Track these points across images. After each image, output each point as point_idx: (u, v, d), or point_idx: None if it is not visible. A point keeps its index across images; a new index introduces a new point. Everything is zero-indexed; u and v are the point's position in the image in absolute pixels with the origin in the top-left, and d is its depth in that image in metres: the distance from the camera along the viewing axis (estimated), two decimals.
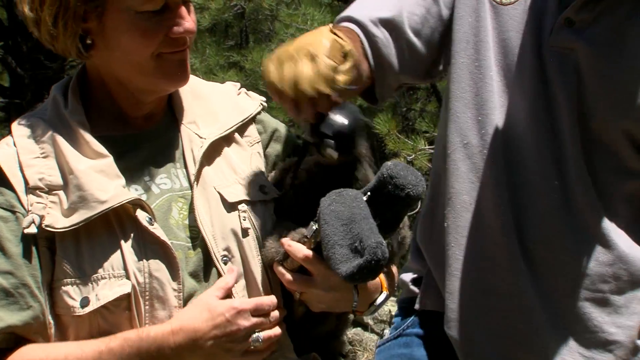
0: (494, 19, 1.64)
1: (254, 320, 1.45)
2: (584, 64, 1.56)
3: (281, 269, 1.50)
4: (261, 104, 1.67)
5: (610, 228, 1.62)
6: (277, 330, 1.50)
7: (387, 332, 1.95)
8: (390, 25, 1.65)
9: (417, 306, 1.81)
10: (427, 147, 4.82)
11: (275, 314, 1.50)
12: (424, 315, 1.82)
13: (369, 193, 1.38)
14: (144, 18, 1.41)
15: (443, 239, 1.69)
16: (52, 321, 1.42)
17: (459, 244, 1.67)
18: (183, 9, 1.46)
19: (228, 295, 1.47)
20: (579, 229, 1.62)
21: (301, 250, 1.45)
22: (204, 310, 1.42)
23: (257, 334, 1.46)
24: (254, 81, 6.56)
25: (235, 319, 1.43)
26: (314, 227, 1.42)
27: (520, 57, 1.60)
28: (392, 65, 1.66)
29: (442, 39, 1.72)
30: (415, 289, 1.84)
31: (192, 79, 1.61)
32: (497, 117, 1.64)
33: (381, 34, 1.64)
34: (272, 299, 1.50)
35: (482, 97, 1.65)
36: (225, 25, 7.88)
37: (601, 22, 1.56)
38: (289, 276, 1.49)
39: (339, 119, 1.43)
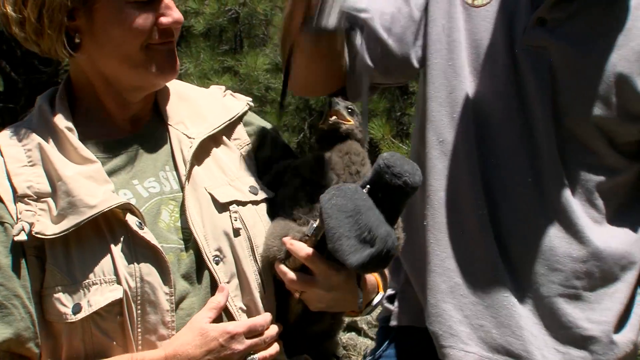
0: (466, 21, 1.69)
1: (248, 342, 1.46)
2: (557, 61, 1.61)
3: (283, 268, 1.50)
4: (248, 103, 1.68)
5: (585, 224, 1.65)
6: (273, 350, 1.51)
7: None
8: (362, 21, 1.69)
9: (393, 323, 1.83)
10: None
11: (270, 332, 1.50)
12: (401, 332, 1.84)
13: (368, 186, 1.40)
14: (133, 8, 1.44)
15: (422, 238, 1.72)
16: (38, 331, 1.42)
17: (437, 241, 1.71)
18: (169, 0, 1.49)
19: (229, 311, 1.48)
20: (553, 225, 1.65)
21: (303, 249, 1.46)
22: (196, 336, 1.43)
23: (252, 355, 1.47)
24: (248, 86, 6.57)
25: (228, 343, 1.43)
26: (314, 225, 1.44)
27: (494, 57, 1.65)
28: (365, 60, 1.69)
29: (415, 39, 1.75)
30: (391, 306, 1.86)
31: (177, 82, 1.63)
32: (471, 114, 1.67)
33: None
34: (265, 318, 1.50)
35: (456, 95, 1.68)
36: (219, 30, 7.88)
37: (574, 20, 1.61)
38: (291, 275, 1.49)
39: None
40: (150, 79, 1.52)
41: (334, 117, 1.54)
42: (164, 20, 1.47)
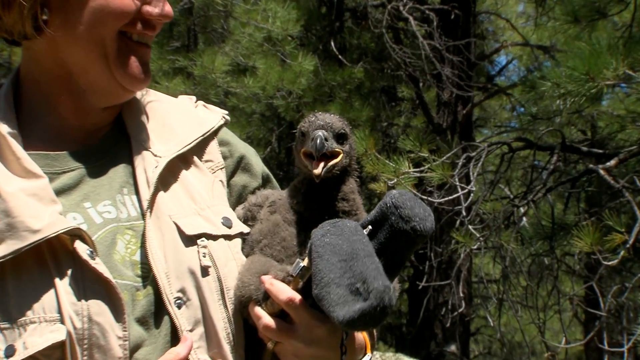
0: None
1: None
2: None
3: (259, 311, 1.49)
4: (223, 117, 1.69)
5: None
6: None
7: None
8: None
9: None
10: (412, 169, 4.80)
11: None
12: None
13: (369, 226, 1.40)
14: None
15: None
16: None
17: None
18: None
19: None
20: None
21: (285, 291, 1.45)
22: None
23: None
24: (204, 90, 6.58)
25: None
26: (301, 264, 1.43)
27: None
28: None
29: None
30: None
31: (145, 89, 1.64)
32: None
33: None
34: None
35: None
36: (169, 23, 7.91)
37: None
38: (267, 320, 1.48)
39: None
40: (118, 78, 1.52)
41: (322, 166, 1.50)
42: (151, 9, 1.50)
